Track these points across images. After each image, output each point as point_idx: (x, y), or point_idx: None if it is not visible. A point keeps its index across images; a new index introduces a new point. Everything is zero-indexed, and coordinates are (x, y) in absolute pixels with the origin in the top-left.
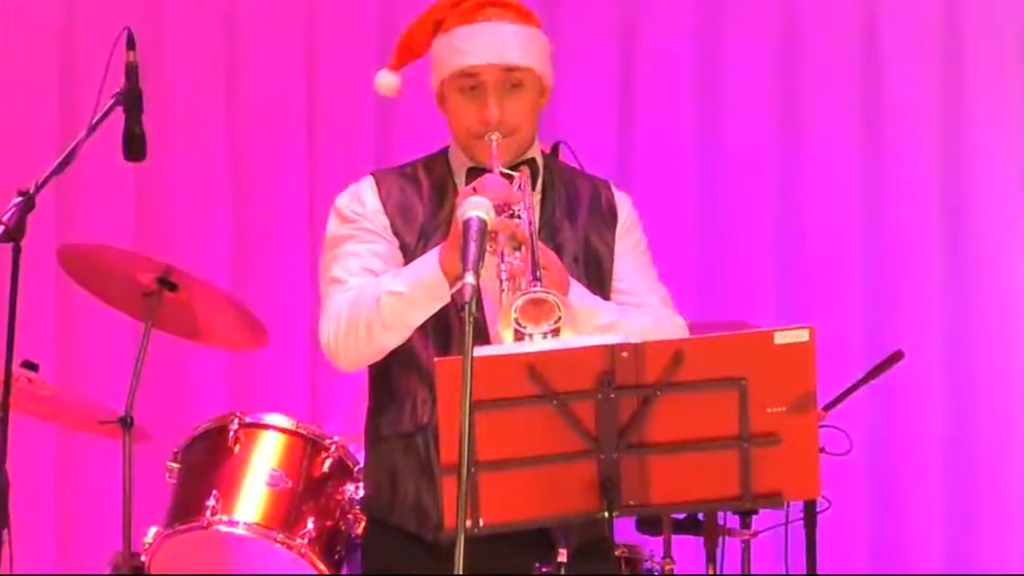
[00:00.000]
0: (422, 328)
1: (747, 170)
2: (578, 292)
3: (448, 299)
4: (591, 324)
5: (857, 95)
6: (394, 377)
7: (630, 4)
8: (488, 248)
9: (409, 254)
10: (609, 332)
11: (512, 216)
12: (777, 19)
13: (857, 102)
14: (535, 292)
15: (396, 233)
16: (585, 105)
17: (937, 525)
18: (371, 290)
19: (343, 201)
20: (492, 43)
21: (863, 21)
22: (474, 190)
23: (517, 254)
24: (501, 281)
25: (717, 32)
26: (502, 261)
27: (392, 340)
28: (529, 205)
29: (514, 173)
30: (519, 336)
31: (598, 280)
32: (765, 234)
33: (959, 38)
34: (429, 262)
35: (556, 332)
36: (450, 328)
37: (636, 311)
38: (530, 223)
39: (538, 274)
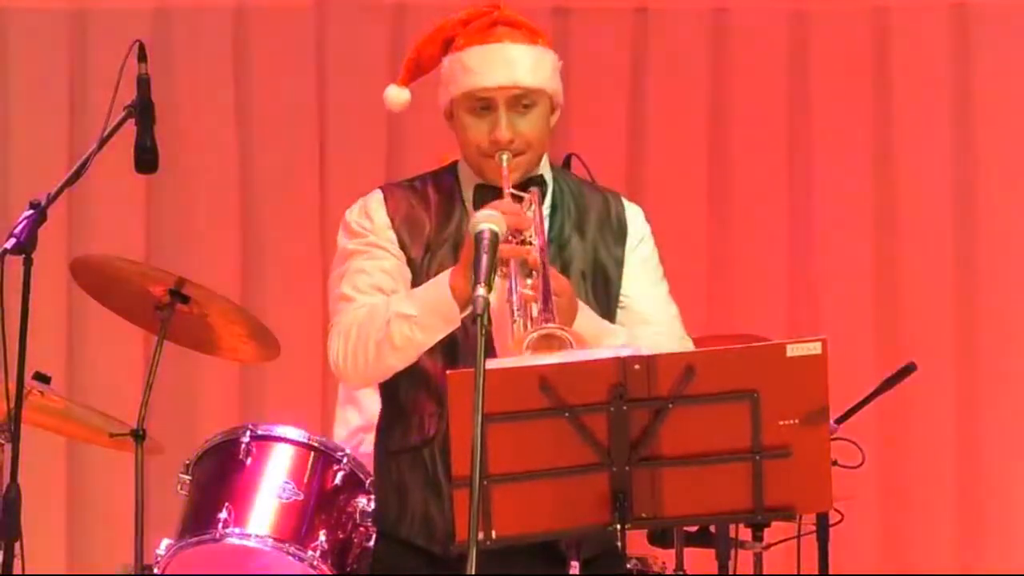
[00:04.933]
0: None
1: (758, 183)
2: (587, 316)
3: (459, 323)
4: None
5: (869, 106)
6: (402, 392)
7: (641, 18)
8: (499, 272)
9: (415, 268)
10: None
11: (523, 242)
12: (788, 33)
13: (869, 114)
14: (547, 328)
15: (403, 247)
16: (596, 118)
17: (949, 537)
18: (381, 311)
19: (352, 215)
20: (503, 65)
21: (874, 34)
22: None
23: (528, 281)
24: (512, 309)
25: (728, 47)
26: (513, 288)
27: (400, 362)
28: (541, 230)
29: (524, 194)
30: None
31: (605, 295)
32: (777, 247)
33: (968, 53)
34: (440, 285)
35: None
36: (457, 343)
37: (644, 333)
38: (542, 250)
39: (550, 303)
